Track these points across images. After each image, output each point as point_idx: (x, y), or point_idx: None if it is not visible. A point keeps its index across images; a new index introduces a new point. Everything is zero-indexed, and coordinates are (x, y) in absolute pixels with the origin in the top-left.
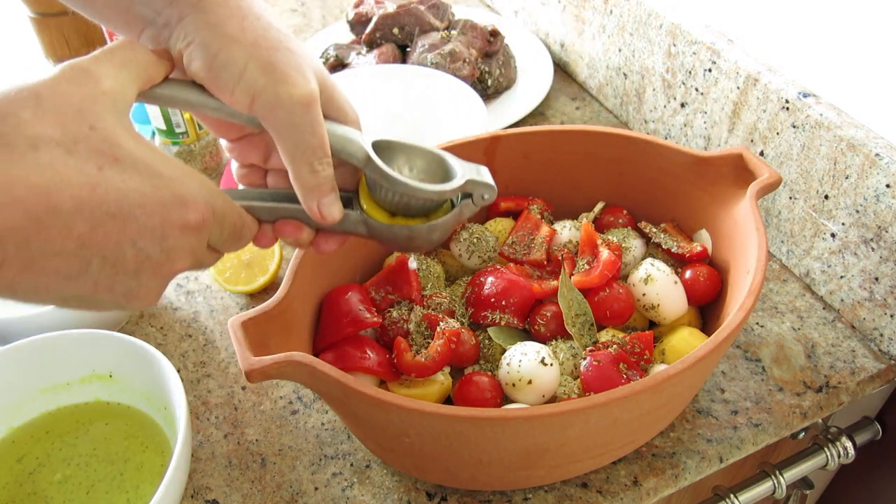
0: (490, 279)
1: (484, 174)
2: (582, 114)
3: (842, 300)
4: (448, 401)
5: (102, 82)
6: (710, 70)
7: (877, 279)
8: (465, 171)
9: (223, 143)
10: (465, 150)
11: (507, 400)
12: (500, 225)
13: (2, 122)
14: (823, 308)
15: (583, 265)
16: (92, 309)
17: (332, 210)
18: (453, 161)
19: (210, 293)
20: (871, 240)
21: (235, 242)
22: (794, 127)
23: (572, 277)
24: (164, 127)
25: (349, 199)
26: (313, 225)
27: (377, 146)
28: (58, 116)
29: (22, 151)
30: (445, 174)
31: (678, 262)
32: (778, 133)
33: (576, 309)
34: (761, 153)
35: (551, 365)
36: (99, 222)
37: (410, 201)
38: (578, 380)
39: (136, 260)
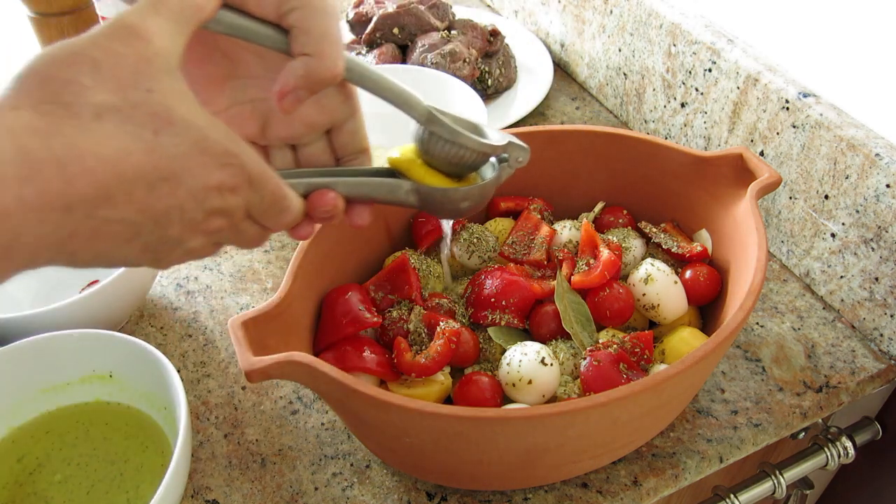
0: (490, 279)
1: (518, 140)
2: (582, 114)
3: (842, 300)
4: (448, 401)
5: (153, 41)
6: (710, 70)
7: (877, 279)
8: (505, 136)
9: None
10: None
11: (507, 400)
12: (500, 225)
13: (65, 90)
14: (823, 308)
15: (583, 265)
16: (132, 266)
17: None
18: (488, 128)
19: (210, 293)
20: (871, 240)
21: (278, 215)
22: (794, 127)
23: (573, 277)
24: None
25: (393, 173)
26: (344, 195)
27: None
28: (117, 82)
29: (88, 121)
30: (484, 137)
31: (678, 262)
32: (778, 133)
33: (573, 310)
34: (761, 153)
35: (551, 365)
36: (154, 187)
37: (464, 155)
38: (578, 380)
39: (180, 221)
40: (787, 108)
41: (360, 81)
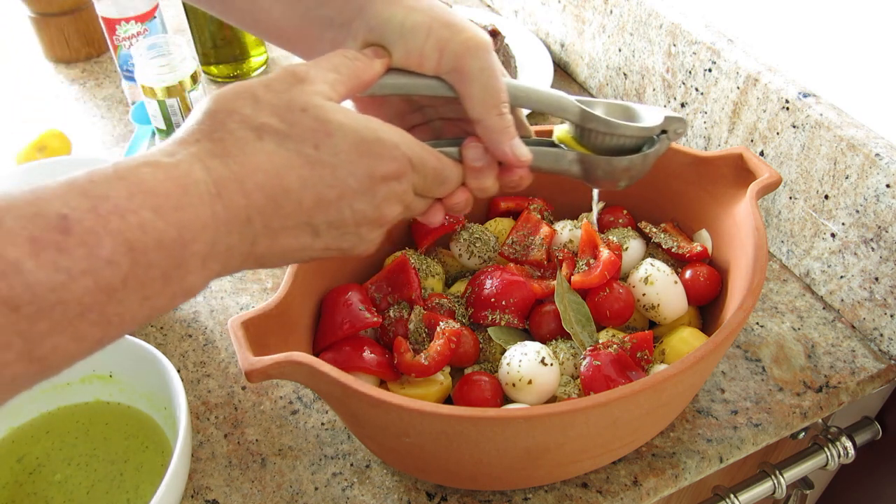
0: (490, 279)
1: (672, 112)
2: None
3: (842, 300)
4: (448, 401)
5: (314, 84)
6: (710, 70)
7: (877, 279)
8: (659, 111)
9: None
10: None
11: (507, 400)
12: (500, 225)
13: (229, 119)
14: (823, 308)
15: (583, 265)
16: (323, 257)
17: (524, 150)
18: (639, 107)
19: (210, 293)
20: (871, 240)
21: (440, 186)
22: (794, 127)
23: (573, 277)
24: (163, 126)
25: (554, 144)
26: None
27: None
28: (273, 108)
29: (251, 142)
30: (638, 119)
31: (678, 262)
32: (778, 133)
33: (573, 310)
34: (761, 153)
35: (551, 365)
36: (322, 195)
37: (625, 143)
38: (578, 380)
39: (354, 219)
40: (787, 108)
41: (514, 101)
